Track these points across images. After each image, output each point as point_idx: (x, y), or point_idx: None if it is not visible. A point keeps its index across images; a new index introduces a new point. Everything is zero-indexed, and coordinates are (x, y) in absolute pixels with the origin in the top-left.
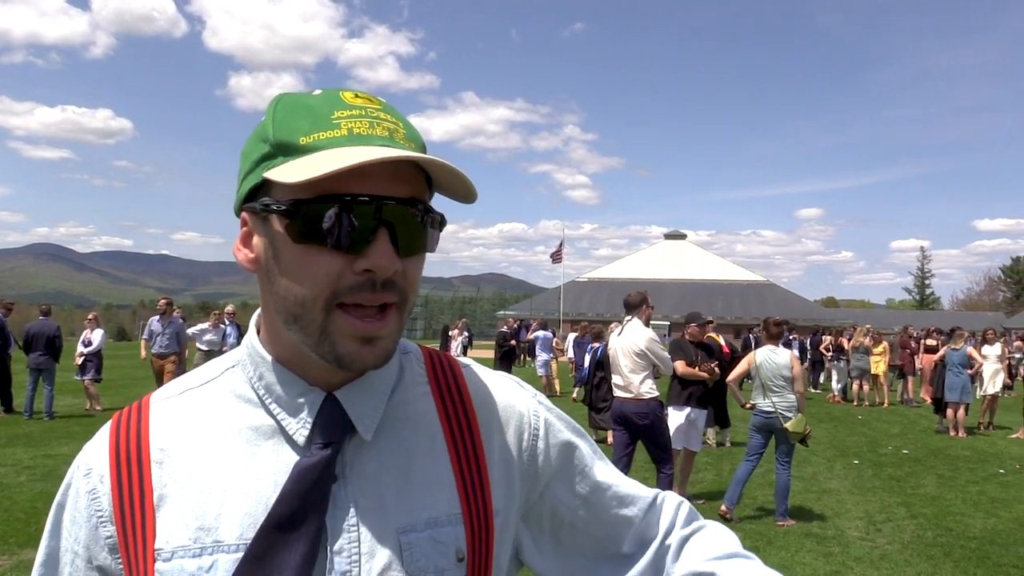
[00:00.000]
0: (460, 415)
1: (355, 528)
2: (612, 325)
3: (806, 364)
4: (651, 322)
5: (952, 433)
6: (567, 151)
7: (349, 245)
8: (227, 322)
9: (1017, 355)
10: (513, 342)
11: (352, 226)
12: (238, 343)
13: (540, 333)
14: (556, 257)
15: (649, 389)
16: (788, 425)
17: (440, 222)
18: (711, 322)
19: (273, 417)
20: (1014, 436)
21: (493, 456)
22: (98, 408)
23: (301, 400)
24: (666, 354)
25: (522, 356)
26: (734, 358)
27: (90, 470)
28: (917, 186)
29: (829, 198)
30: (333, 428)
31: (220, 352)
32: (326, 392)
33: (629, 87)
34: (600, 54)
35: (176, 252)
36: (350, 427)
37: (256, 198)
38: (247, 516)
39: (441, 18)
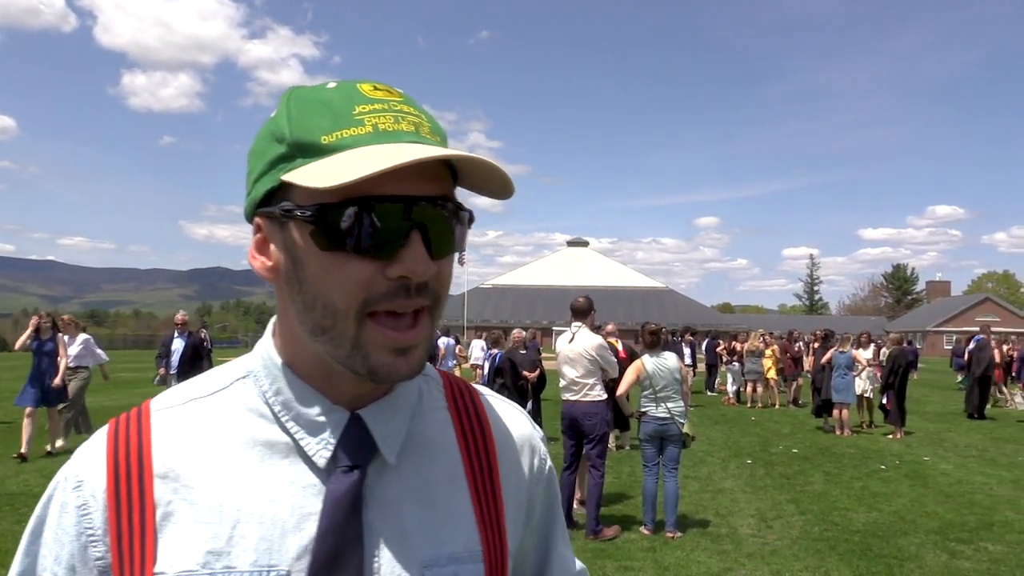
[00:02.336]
0: (480, 445)
1: (376, 559)
2: (515, 332)
3: (701, 368)
4: (554, 327)
5: (838, 432)
6: None
7: (381, 250)
8: (176, 334)
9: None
10: None
11: (383, 230)
12: (193, 355)
13: (444, 340)
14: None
15: (599, 393)
16: (685, 428)
17: (470, 219)
18: (599, 327)
19: (289, 435)
20: (892, 437)
21: (509, 493)
22: None
23: (323, 419)
24: (613, 359)
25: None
26: (631, 362)
27: (81, 483)
28: (806, 196)
29: (725, 207)
30: (358, 450)
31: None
32: (350, 411)
33: (534, 95)
34: (506, 62)
35: (63, 258)
36: (374, 449)
37: (272, 202)
38: (263, 541)
39: (347, 22)
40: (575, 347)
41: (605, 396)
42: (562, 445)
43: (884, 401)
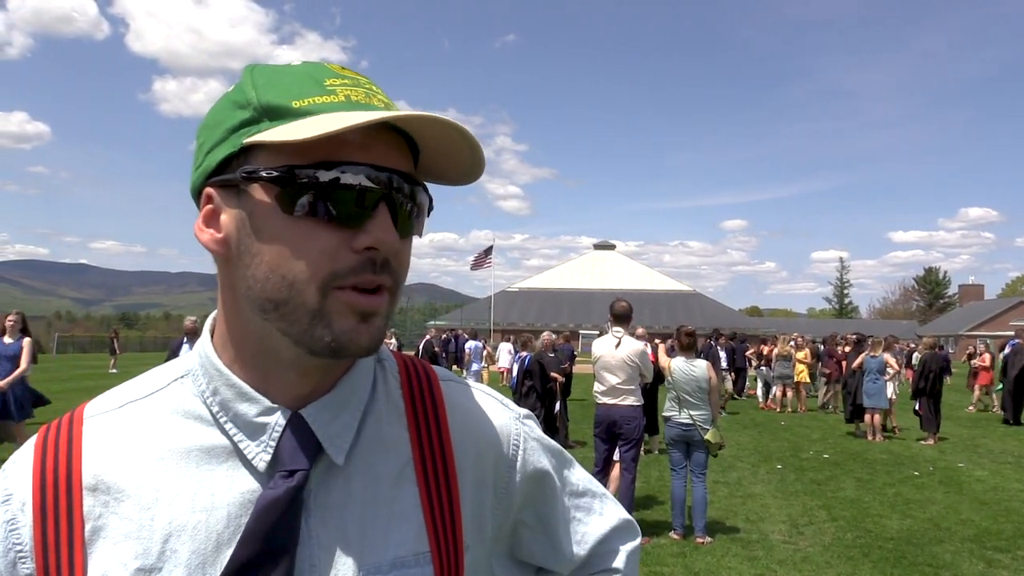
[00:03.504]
0: (434, 439)
1: (316, 568)
2: (545, 335)
3: (731, 372)
4: (581, 331)
5: (869, 437)
6: (499, 161)
7: (349, 218)
8: (185, 340)
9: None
10: (441, 351)
11: (353, 197)
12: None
13: (472, 343)
14: (476, 265)
15: (638, 398)
16: (708, 436)
17: (430, 205)
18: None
19: (229, 438)
20: (925, 443)
21: (466, 486)
22: None
23: (263, 419)
24: (651, 365)
25: (450, 367)
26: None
27: (9, 496)
28: (835, 198)
29: (752, 210)
30: (299, 452)
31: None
32: (291, 410)
33: (560, 98)
34: (531, 65)
35: (95, 261)
36: (318, 449)
37: (228, 170)
38: (195, 555)
39: (373, 27)
40: (619, 353)
41: (642, 401)
42: (593, 448)
43: (917, 407)
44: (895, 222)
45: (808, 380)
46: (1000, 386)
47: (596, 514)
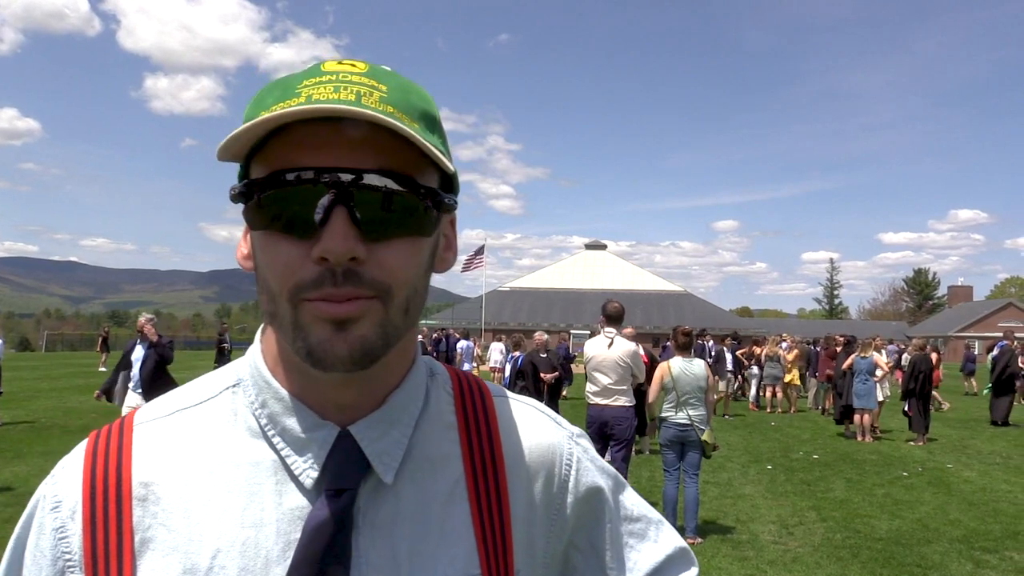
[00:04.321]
0: (486, 457)
1: None
2: (538, 334)
3: (737, 375)
4: (572, 330)
5: (859, 438)
6: (492, 161)
7: (297, 227)
8: (139, 341)
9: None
10: (432, 351)
11: (297, 203)
12: (156, 368)
13: (463, 343)
14: (467, 266)
15: (630, 399)
16: (704, 436)
17: (437, 201)
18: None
19: (276, 452)
20: (914, 443)
21: (518, 507)
22: None
23: (310, 435)
24: (643, 365)
25: None
26: (652, 367)
27: (59, 503)
28: (826, 199)
29: (743, 210)
30: (346, 471)
31: None
32: (340, 427)
33: (553, 98)
34: (525, 65)
35: (85, 259)
36: (366, 467)
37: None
38: (244, 572)
39: (367, 25)
40: (611, 354)
41: (634, 402)
42: None
43: (906, 408)
44: (885, 223)
45: (798, 382)
46: (988, 387)
47: (650, 541)
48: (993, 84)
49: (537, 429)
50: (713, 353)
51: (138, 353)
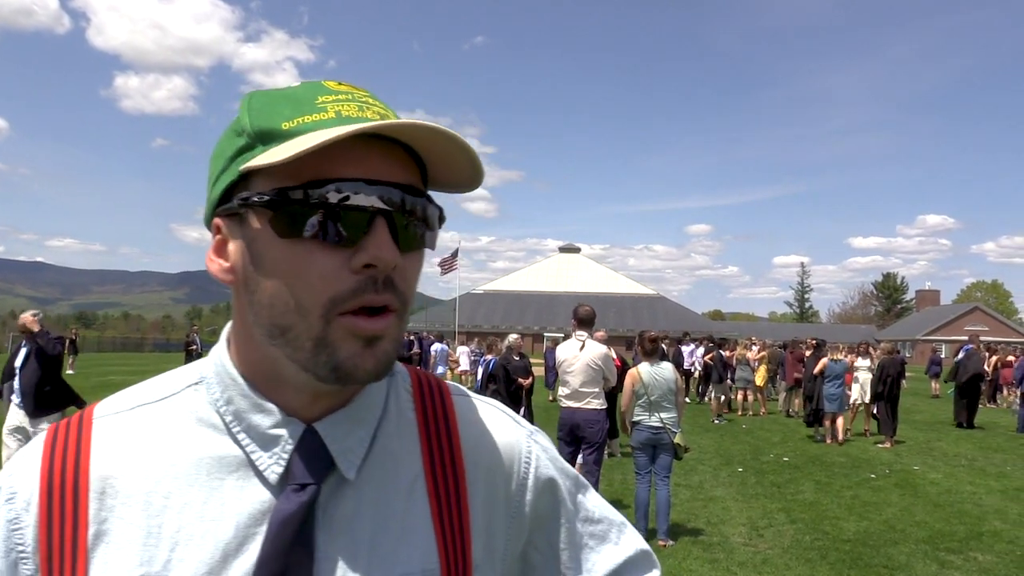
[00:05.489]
0: (445, 454)
1: None
2: (513, 337)
3: (730, 378)
4: (545, 333)
5: (828, 441)
6: None
7: (344, 237)
8: (24, 342)
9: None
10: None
11: (346, 215)
12: (43, 367)
13: (437, 346)
14: (445, 269)
15: (602, 402)
16: (676, 439)
17: (440, 217)
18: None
19: (241, 448)
20: (882, 446)
21: (477, 503)
22: None
23: (276, 431)
24: (615, 369)
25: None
26: (625, 370)
27: (14, 495)
28: (797, 204)
29: (716, 214)
30: (312, 466)
31: None
32: (305, 423)
33: (528, 101)
34: (501, 68)
35: (52, 259)
36: (331, 463)
37: (233, 198)
38: (201, 564)
39: (342, 26)
40: (583, 356)
41: (606, 405)
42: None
43: (875, 411)
44: (855, 228)
45: (762, 383)
46: (951, 390)
47: (611, 543)
48: (961, 90)
49: (496, 427)
50: (693, 359)
51: (22, 354)
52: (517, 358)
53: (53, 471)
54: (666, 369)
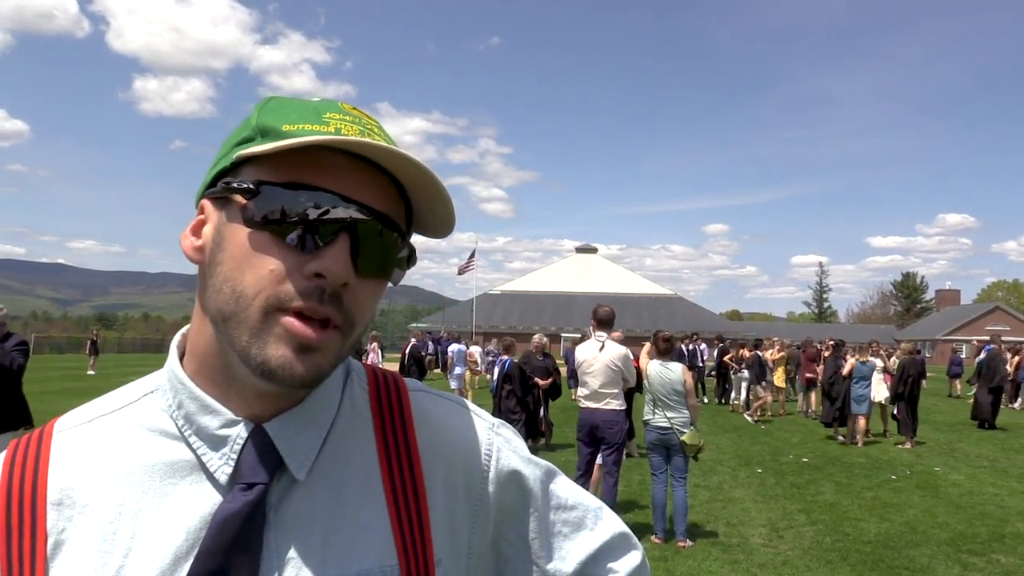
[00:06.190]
0: (401, 450)
1: None
2: (537, 337)
3: (712, 373)
4: (563, 334)
5: (858, 442)
6: (483, 164)
7: (306, 241)
8: None
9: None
10: (425, 354)
11: (313, 220)
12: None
13: (455, 346)
14: (463, 270)
15: (621, 402)
16: (685, 438)
17: (410, 257)
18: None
19: (193, 451)
20: (903, 447)
21: (437, 498)
22: None
23: (224, 432)
24: (634, 370)
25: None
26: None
27: None
28: (815, 203)
29: (733, 214)
30: (260, 466)
31: None
32: (254, 423)
33: (544, 102)
34: (516, 68)
35: (73, 261)
36: (279, 463)
37: (219, 182)
38: (153, 568)
39: (358, 28)
40: (603, 357)
41: (625, 406)
42: (576, 452)
43: (895, 412)
44: (874, 227)
45: (782, 383)
46: (970, 392)
47: (587, 529)
48: (978, 89)
49: (455, 421)
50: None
51: None
52: (541, 358)
53: (12, 485)
54: (673, 370)
